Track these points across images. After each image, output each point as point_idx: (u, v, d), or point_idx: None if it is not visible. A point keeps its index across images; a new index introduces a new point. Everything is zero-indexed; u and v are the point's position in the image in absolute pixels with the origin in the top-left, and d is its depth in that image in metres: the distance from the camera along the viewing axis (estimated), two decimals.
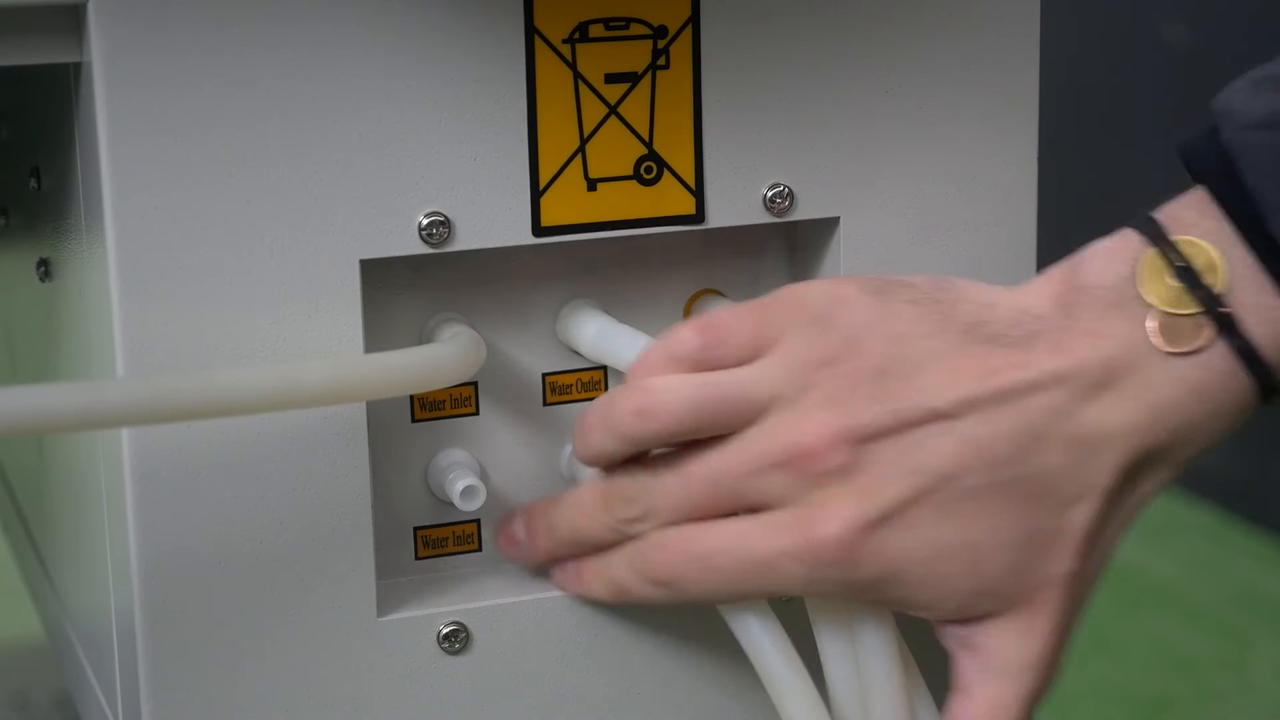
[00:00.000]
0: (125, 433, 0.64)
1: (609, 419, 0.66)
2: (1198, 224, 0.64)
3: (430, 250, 0.66)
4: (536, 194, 0.68)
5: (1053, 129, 0.86)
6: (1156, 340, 0.63)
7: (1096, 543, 0.65)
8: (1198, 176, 0.65)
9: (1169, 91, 2.44)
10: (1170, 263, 0.63)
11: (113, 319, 0.63)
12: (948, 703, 0.67)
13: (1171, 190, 0.65)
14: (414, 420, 0.71)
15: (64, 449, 0.76)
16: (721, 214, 0.70)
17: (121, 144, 0.63)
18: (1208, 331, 0.63)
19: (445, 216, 0.66)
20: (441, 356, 0.66)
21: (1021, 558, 0.64)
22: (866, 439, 0.63)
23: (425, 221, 0.66)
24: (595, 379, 0.73)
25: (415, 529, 0.72)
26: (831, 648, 0.68)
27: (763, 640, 0.68)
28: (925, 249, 0.73)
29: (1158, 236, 0.64)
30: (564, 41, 0.67)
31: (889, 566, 0.63)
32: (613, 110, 0.68)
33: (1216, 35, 2.37)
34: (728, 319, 0.66)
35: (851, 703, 0.67)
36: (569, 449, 0.72)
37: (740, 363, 0.65)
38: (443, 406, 0.71)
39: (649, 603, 0.67)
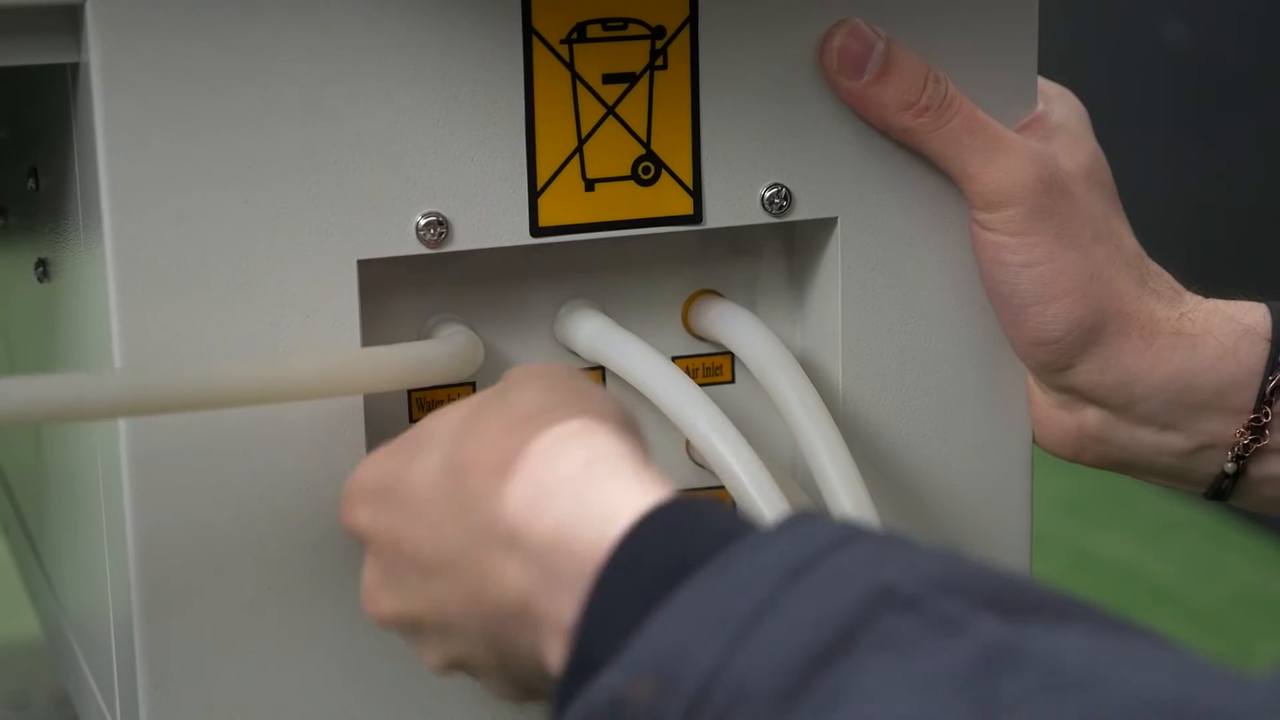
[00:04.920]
0: (123, 432, 0.64)
1: None
2: None
3: (428, 250, 0.66)
4: (534, 194, 0.68)
5: None
6: None
7: None
8: None
9: (1169, 91, 2.44)
10: None
11: (110, 319, 0.63)
12: None
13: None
14: (411, 420, 0.71)
15: (62, 449, 0.76)
16: (719, 214, 0.70)
17: (119, 144, 0.63)
18: None
19: (443, 217, 0.66)
20: (434, 352, 0.66)
21: None
22: None
23: (423, 222, 0.66)
24: (593, 379, 0.73)
25: None
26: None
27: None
28: (923, 249, 0.73)
29: None
30: (562, 42, 0.67)
31: None
32: (610, 110, 0.68)
33: (1216, 35, 2.37)
34: None
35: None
36: None
37: None
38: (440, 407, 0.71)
39: None
